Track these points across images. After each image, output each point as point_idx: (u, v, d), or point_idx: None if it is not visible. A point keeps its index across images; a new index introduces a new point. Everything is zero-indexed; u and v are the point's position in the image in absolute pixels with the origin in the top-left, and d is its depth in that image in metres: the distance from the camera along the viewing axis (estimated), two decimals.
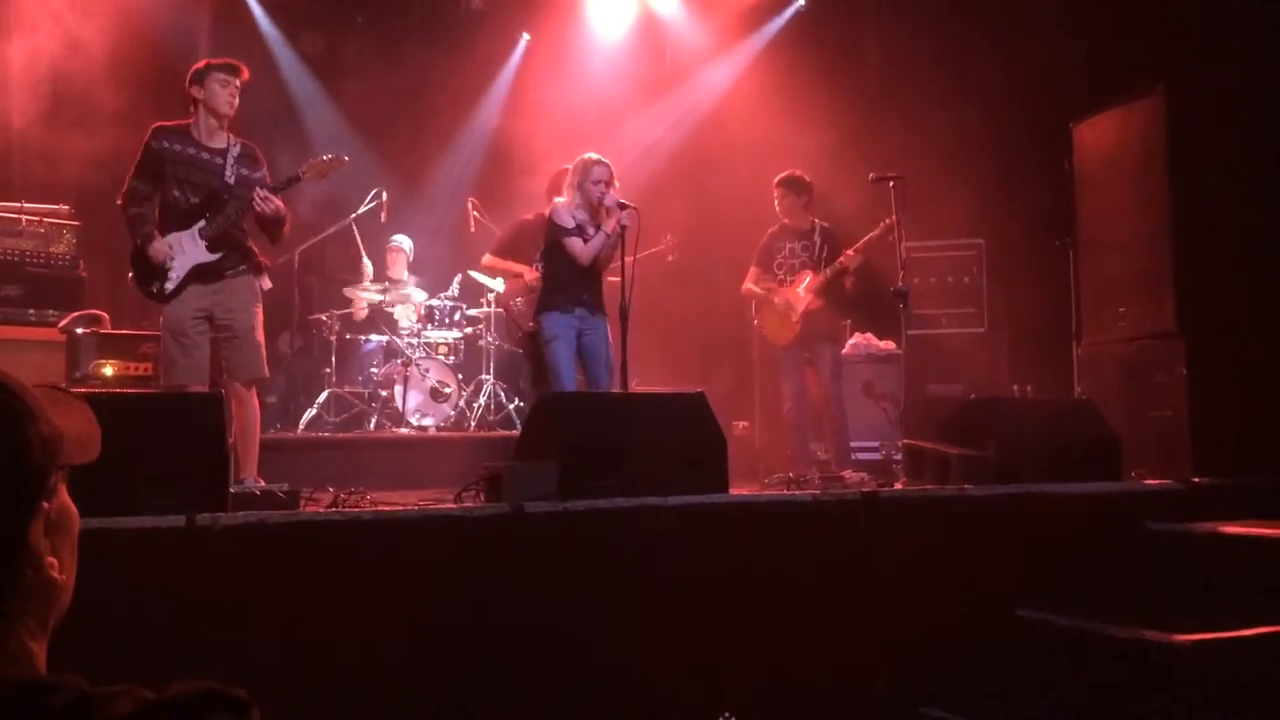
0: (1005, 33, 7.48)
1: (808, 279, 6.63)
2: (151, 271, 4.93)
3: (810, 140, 7.84)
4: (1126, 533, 4.30)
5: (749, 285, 6.92)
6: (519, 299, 6.79)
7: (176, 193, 4.96)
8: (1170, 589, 4.09)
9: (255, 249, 5.18)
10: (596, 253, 5.68)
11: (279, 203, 4.98)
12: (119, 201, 5.00)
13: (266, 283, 5.24)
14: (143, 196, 4.96)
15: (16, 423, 1.04)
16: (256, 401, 5.14)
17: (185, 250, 4.93)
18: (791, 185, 6.76)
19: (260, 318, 5.11)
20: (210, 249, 4.94)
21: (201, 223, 4.93)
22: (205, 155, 5.02)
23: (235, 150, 5.08)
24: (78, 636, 1.27)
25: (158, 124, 5.05)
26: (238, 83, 5.02)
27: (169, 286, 4.91)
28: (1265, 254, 5.16)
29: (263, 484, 4.60)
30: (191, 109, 5.07)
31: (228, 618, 3.02)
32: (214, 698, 0.96)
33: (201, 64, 5.07)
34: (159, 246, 4.90)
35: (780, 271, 6.79)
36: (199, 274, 4.94)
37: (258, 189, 4.95)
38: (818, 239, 6.72)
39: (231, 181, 5.02)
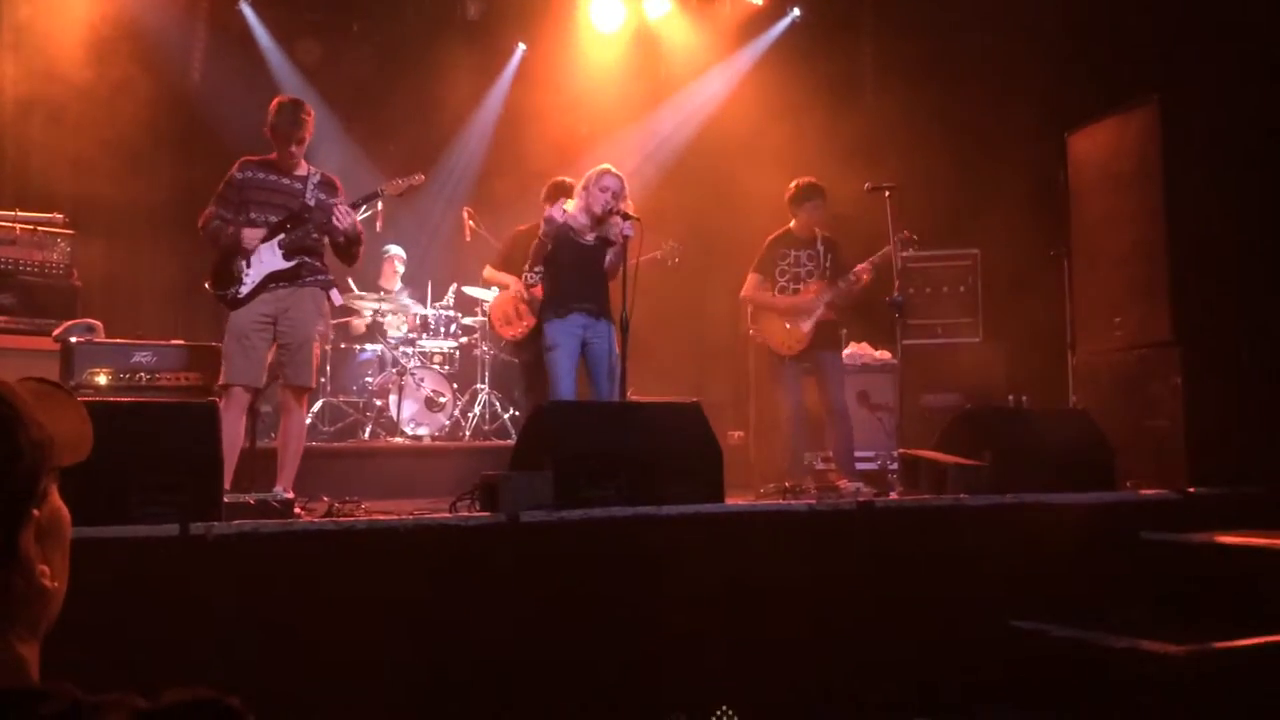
0: (1000, 43, 7.50)
1: (819, 289, 6.49)
2: (229, 277, 5.16)
3: (806, 150, 7.84)
4: (1122, 543, 4.30)
5: (751, 293, 6.70)
6: (509, 308, 6.78)
7: (254, 214, 5.21)
8: (1166, 599, 4.09)
9: (324, 265, 5.35)
10: (540, 250, 5.72)
11: (356, 219, 5.24)
12: (200, 224, 5.22)
13: (337, 298, 5.50)
14: (219, 219, 5.19)
15: (4, 430, 1.02)
16: (304, 413, 5.35)
17: (263, 260, 5.16)
18: (823, 195, 6.56)
19: (320, 331, 5.32)
20: (286, 257, 5.17)
21: (282, 235, 5.18)
22: (286, 181, 5.29)
23: (315, 178, 5.34)
24: (72, 644, 1.26)
25: (244, 157, 5.33)
26: (305, 119, 5.20)
27: (244, 291, 5.13)
28: (1260, 263, 5.17)
29: (291, 495, 4.62)
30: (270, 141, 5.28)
31: (221, 627, 3.00)
32: (207, 706, 0.95)
33: (278, 101, 5.28)
34: (250, 232, 5.13)
35: (783, 279, 6.59)
36: (272, 279, 5.15)
37: (339, 203, 5.22)
38: (821, 248, 6.58)
39: (312, 203, 5.26)
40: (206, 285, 5.26)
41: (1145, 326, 5.44)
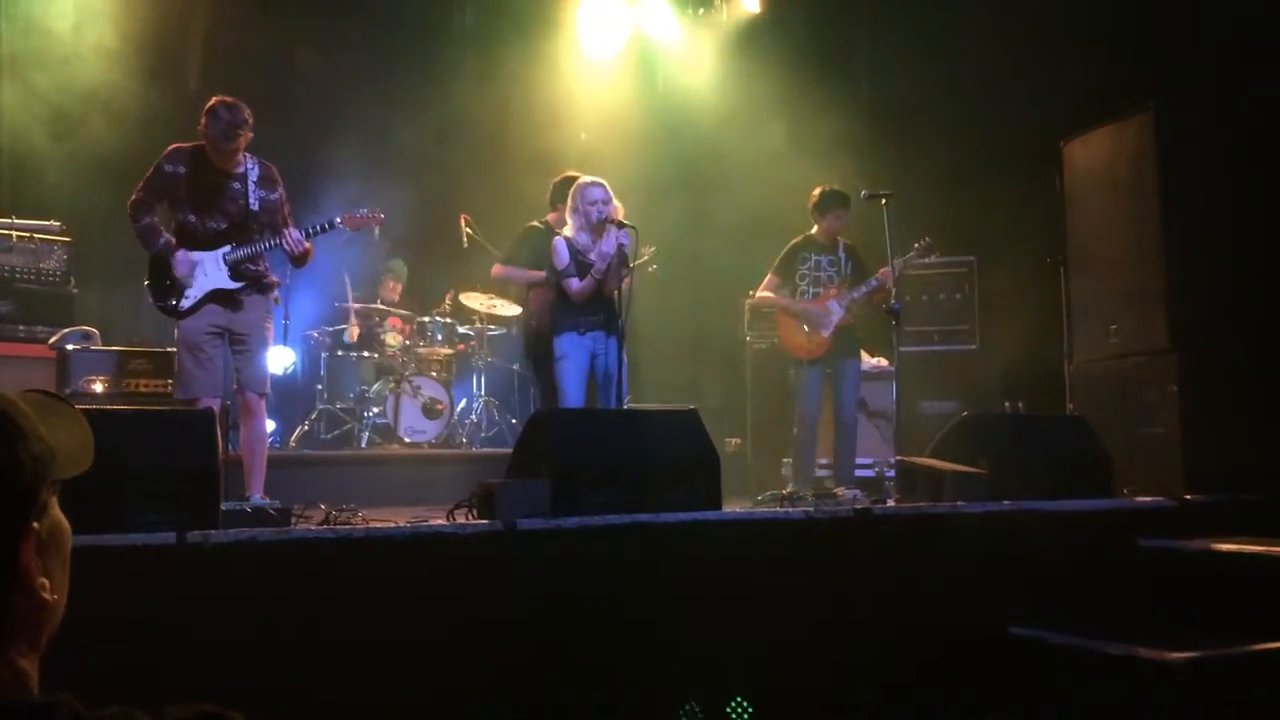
0: (997, 50, 7.51)
1: (839, 293, 6.54)
2: (168, 287, 4.98)
3: (802, 157, 7.85)
4: (1119, 550, 4.30)
5: (768, 294, 6.72)
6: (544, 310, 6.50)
7: (193, 218, 4.99)
8: (1163, 606, 4.10)
9: (267, 269, 5.22)
10: (589, 290, 5.65)
11: (309, 246, 5.10)
12: (130, 210, 5.00)
13: (276, 298, 5.38)
14: (150, 209, 5.00)
15: (5, 444, 1.01)
16: (265, 416, 5.20)
17: (207, 273, 4.98)
18: (847, 204, 6.58)
19: (270, 333, 5.23)
20: (233, 277, 5.00)
21: (227, 247, 4.99)
22: (224, 181, 5.03)
23: (255, 173, 5.08)
24: (70, 654, 1.26)
25: (174, 146, 5.07)
26: (239, 132, 4.94)
27: (185, 305, 4.96)
28: (1257, 270, 5.18)
29: (268, 501, 4.60)
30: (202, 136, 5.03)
31: (219, 636, 2.99)
32: None
33: (211, 105, 4.98)
34: (182, 259, 4.93)
35: (803, 283, 6.61)
36: (216, 297, 5.00)
37: (291, 234, 5.01)
38: (843, 254, 6.64)
39: (256, 208, 5.05)
40: (145, 284, 5.06)
41: (1141, 333, 5.45)
